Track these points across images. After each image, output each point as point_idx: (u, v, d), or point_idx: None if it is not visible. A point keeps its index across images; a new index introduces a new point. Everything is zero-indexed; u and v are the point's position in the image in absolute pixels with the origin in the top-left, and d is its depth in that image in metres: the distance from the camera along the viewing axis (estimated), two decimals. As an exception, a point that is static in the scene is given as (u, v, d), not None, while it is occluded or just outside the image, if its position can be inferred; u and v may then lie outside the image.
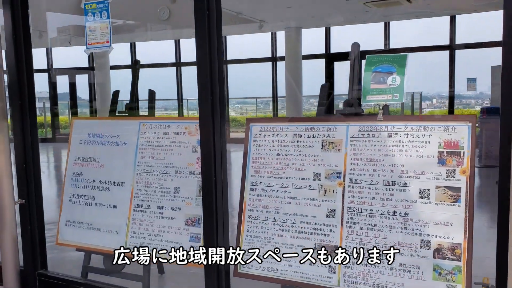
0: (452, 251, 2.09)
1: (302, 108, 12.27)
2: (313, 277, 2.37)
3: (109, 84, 13.56)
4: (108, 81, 13.53)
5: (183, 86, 14.17)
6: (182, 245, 2.76)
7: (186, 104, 15.16)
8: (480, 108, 9.31)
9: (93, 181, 3.12)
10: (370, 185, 2.28)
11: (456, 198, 2.10)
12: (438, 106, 13.69)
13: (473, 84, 10.87)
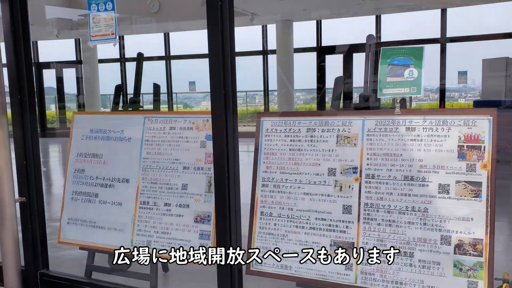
0: (474, 246, 2.06)
1: (293, 102, 12.22)
2: (329, 274, 2.33)
3: (97, 78, 13.37)
4: (96, 75, 13.34)
5: (172, 80, 14.02)
6: (191, 243, 2.70)
7: (175, 98, 15.03)
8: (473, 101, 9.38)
9: (96, 177, 3.03)
10: (387, 180, 2.24)
11: (477, 193, 2.07)
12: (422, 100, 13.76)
13: (464, 77, 10.93)
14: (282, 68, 12.02)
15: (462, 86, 12.17)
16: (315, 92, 12.86)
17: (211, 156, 2.69)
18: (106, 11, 2.62)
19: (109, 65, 14.29)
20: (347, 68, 11.04)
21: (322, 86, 12.25)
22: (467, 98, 12.59)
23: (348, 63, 11.39)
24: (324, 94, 12.18)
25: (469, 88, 12.18)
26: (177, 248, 2.69)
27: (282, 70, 11.99)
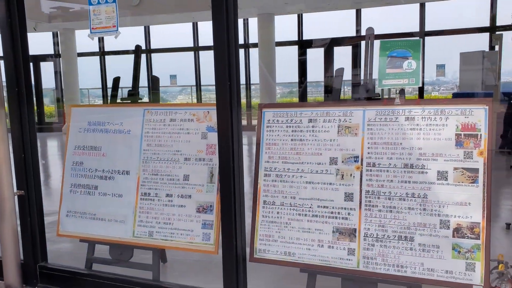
0: (471, 230, 2.16)
1: (276, 95, 12.29)
2: (332, 260, 2.41)
3: (76, 72, 13.18)
4: (75, 69, 13.14)
5: (154, 73, 13.91)
6: (193, 233, 2.75)
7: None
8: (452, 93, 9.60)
9: (95, 170, 3.04)
10: (388, 168, 2.33)
11: (474, 179, 2.17)
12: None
13: (442, 70, 11.17)
14: (264, 61, 12.07)
15: (436, 80, 12.44)
16: (297, 85, 12.94)
17: (212, 147, 2.74)
18: (107, 3, 2.62)
19: (88, 59, 14.08)
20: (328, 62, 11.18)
21: (303, 80, 12.35)
22: (440, 91, 12.87)
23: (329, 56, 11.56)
24: (306, 88, 12.28)
25: (442, 81, 12.44)
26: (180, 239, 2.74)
27: (264, 63, 12.03)
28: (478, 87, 9.60)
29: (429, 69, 11.31)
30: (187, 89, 15.21)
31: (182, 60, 14.21)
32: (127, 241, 2.91)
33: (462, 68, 10.23)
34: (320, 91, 13.19)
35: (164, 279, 2.95)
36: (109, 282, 2.87)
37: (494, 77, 8.54)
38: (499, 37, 7.21)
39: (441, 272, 2.19)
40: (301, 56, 12.41)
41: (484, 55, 9.64)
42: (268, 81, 12.01)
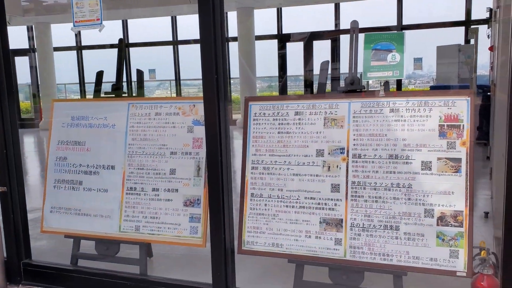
0: (455, 218, 2.22)
1: (256, 90, 12.30)
2: (319, 250, 2.44)
3: (52, 67, 12.93)
4: (51, 64, 12.89)
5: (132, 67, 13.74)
6: (181, 226, 2.75)
7: (134, 86, 14.75)
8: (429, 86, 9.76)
9: (79, 165, 3.01)
10: (373, 159, 2.37)
11: (457, 169, 2.23)
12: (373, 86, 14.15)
13: (419, 63, 11.33)
14: (244, 55, 12.05)
15: (412, 73, 12.62)
16: (277, 79, 12.96)
17: (199, 140, 2.74)
18: (90, -4, 2.59)
19: (65, 53, 13.83)
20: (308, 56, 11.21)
21: (283, 74, 12.38)
22: (416, 85, 13.07)
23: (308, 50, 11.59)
24: (286, 82, 12.32)
25: (418, 75, 12.62)
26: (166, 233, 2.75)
27: (243, 57, 12.01)
28: (454, 80, 9.79)
29: (406, 63, 11.46)
30: (165, 83, 15.09)
31: (161, 54, 14.09)
32: (114, 236, 2.90)
33: (438, 62, 10.41)
34: (300, 85, 13.25)
35: (151, 273, 2.94)
36: (95, 277, 2.85)
37: (470, 70, 8.71)
38: (475, 31, 7.36)
39: (426, 260, 2.25)
40: (280, 50, 12.43)
41: (460, 48, 9.82)
42: (248, 75, 12.01)
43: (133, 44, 13.58)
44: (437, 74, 10.72)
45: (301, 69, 11.89)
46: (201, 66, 2.37)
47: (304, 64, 11.92)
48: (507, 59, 1.99)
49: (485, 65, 9.94)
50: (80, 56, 13.61)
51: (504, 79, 2.29)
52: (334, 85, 4.56)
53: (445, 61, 10.31)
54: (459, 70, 9.86)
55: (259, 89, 14.79)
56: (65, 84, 14.93)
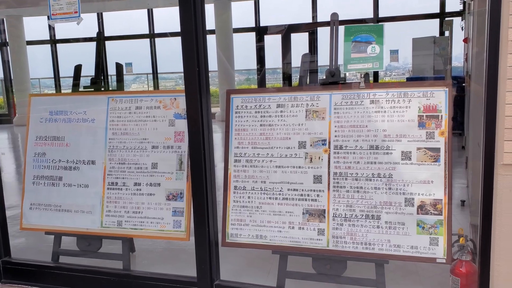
0: (434, 206, 2.28)
1: (234, 83, 12.27)
2: (302, 241, 2.47)
3: (26, 61, 12.64)
4: (25, 58, 12.60)
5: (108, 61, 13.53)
6: (164, 220, 2.74)
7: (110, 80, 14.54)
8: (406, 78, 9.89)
9: (59, 161, 2.96)
10: (354, 150, 2.40)
11: (436, 158, 2.28)
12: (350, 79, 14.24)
13: (396, 55, 11.47)
14: (222, 48, 11.99)
15: (388, 65, 12.76)
16: (255, 72, 12.95)
17: (180, 134, 2.73)
18: (68, -12, 2.54)
19: (38, 47, 13.52)
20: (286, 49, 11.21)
21: (262, 68, 12.38)
22: (392, 77, 13.23)
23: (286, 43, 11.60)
24: (264, 75, 12.32)
25: (394, 67, 12.77)
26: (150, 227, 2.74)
27: (221, 50, 11.96)
28: (429, 72, 9.95)
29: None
30: (142, 77, 14.91)
31: (138, 48, 13.91)
32: (95, 232, 2.87)
33: (414, 53, 10.56)
34: (278, 78, 13.26)
35: (133, 268, 2.93)
36: (78, 274, 2.83)
37: (445, 62, 8.86)
38: (450, 23, 7.49)
39: (407, 248, 2.30)
40: (258, 43, 12.42)
41: (434, 40, 9.99)
42: (226, 68, 11.97)
43: (109, 37, 13.37)
44: (413, 66, 10.88)
45: (279, 62, 11.90)
46: (182, 58, 2.36)
47: (282, 57, 11.94)
48: (481, 50, 2.04)
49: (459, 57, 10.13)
50: (54, 50, 13.33)
51: (479, 71, 2.35)
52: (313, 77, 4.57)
53: (420, 53, 10.47)
54: (434, 62, 10.02)
55: (237, 82, 14.76)
56: (39, 79, 14.62)
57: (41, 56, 13.63)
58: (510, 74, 1.86)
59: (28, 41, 12.53)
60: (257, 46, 12.47)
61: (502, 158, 1.91)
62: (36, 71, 13.11)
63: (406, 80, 9.24)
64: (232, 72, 12.16)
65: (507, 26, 1.84)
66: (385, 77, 13.27)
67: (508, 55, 1.85)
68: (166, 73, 14.79)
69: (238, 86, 13.99)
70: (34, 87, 14.39)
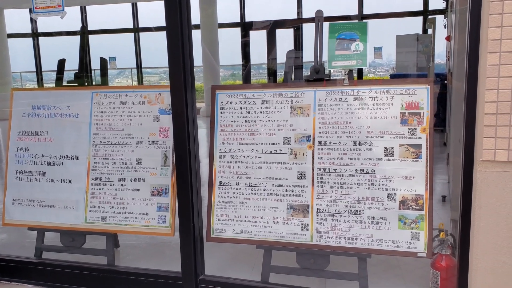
0: (415, 202, 2.32)
1: (219, 78, 12.24)
2: (287, 236, 2.50)
3: (7, 55, 12.44)
4: (5, 52, 12.39)
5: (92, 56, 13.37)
6: (148, 216, 2.74)
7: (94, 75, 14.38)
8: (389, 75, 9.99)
9: (42, 156, 2.94)
10: (338, 146, 2.43)
11: (417, 154, 2.32)
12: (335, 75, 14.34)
13: (380, 52, 11.57)
14: (207, 44, 11.95)
15: (372, 62, 12.85)
16: (240, 68, 12.94)
17: (165, 129, 2.73)
18: (51, -19, 2.51)
19: (20, 41, 13.30)
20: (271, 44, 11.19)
21: (247, 63, 12.37)
22: (376, 73, 13.35)
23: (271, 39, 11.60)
24: (249, 71, 12.32)
25: (378, 63, 12.87)
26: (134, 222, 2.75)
27: (206, 46, 11.91)
28: (412, 69, 10.07)
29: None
30: (125, 71, 14.78)
31: (122, 42, 13.78)
32: (79, 227, 2.86)
33: (397, 51, 10.67)
34: (263, 74, 13.27)
35: (118, 264, 2.93)
36: (61, 269, 2.81)
37: (427, 59, 8.96)
38: (433, 21, 7.58)
39: (389, 242, 2.35)
40: (243, 38, 12.40)
41: (418, 38, 10.09)
42: (211, 64, 11.93)
43: (92, 31, 13.21)
44: (396, 63, 10.98)
45: (265, 57, 11.91)
46: (167, 54, 2.36)
47: (267, 53, 11.94)
48: (462, 48, 2.07)
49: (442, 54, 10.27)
50: (36, 43, 13.13)
51: (460, 69, 2.39)
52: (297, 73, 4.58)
53: (404, 50, 10.57)
54: (417, 59, 10.13)
55: (222, 77, 14.73)
56: (21, 73, 14.40)
57: (23, 49, 13.42)
58: (489, 73, 1.90)
59: (9, 34, 12.32)
60: (242, 42, 12.45)
61: (481, 154, 1.96)
62: (17, 65, 12.90)
63: (389, 77, 9.32)
64: (217, 67, 12.13)
65: (487, 25, 1.88)
66: (369, 74, 13.38)
67: (488, 54, 1.89)
68: (150, 67, 14.69)
69: (223, 81, 13.97)
70: (15, 80, 14.17)
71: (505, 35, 1.86)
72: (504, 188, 1.94)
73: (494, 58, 1.89)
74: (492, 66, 1.90)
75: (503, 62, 1.88)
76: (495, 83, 1.90)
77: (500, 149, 1.93)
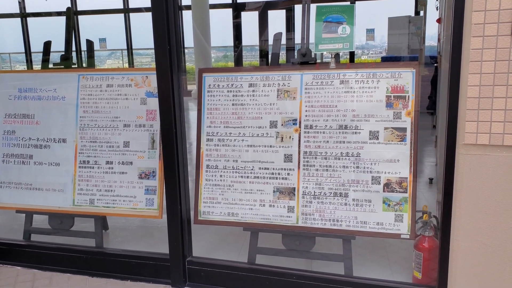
0: (399, 184, 2.35)
1: (211, 60, 12.16)
2: (273, 218, 2.53)
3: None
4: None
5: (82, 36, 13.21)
6: (136, 199, 2.76)
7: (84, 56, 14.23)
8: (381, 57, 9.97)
9: (29, 139, 2.93)
10: (324, 130, 2.45)
11: (402, 138, 2.34)
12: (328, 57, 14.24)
13: (372, 34, 11.53)
14: (198, 24, 11.83)
15: (365, 44, 12.81)
16: (232, 49, 12.85)
17: (152, 113, 2.73)
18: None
19: (7, 21, 13.07)
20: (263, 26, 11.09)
21: (238, 44, 12.28)
22: (369, 55, 13.32)
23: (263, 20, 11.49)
24: (241, 52, 12.23)
25: (371, 45, 12.84)
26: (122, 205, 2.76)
27: (197, 27, 11.80)
28: (404, 51, 10.06)
29: (359, 34, 11.65)
30: (116, 53, 14.62)
31: (112, 23, 13.61)
32: (67, 210, 2.87)
33: (389, 33, 10.64)
34: (255, 55, 13.20)
35: (106, 246, 2.95)
36: (50, 252, 2.83)
37: (419, 41, 8.95)
38: (424, 3, 7.55)
39: (373, 224, 2.38)
40: (235, 19, 12.28)
41: (410, 20, 10.06)
42: (203, 45, 11.83)
43: (82, 11, 13.03)
44: (388, 45, 10.96)
45: (257, 39, 11.82)
46: (153, 35, 2.34)
47: (259, 34, 11.85)
48: (449, 28, 2.07)
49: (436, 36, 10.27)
50: (25, 24, 12.93)
51: (448, 52, 2.39)
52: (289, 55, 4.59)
53: (396, 31, 10.54)
54: (409, 41, 10.12)
55: (214, 59, 14.63)
56: (10, 54, 14.20)
57: (11, 30, 13.22)
58: (473, 57, 1.92)
59: (-3, 14, 12.11)
60: (234, 23, 12.34)
61: (463, 138, 1.98)
62: (5, 45, 12.72)
63: (381, 59, 9.31)
64: (208, 49, 12.04)
65: (470, 9, 1.88)
66: (362, 56, 13.35)
67: (472, 38, 1.90)
68: (141, 49, 14.54)
69: (215, 63, 13.89)
70: (4, 61, 14.00)
71: (489, 19, 1.87)
72: (485, 171, 1.97)
73: (478, 42, 1.90)
74: (475, 50, 1.91)
75: (486, 46, 1.89)
76: (478, 67, 1.92)
77: (482, 133, 1.95)
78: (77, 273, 2.79)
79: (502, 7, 1.84)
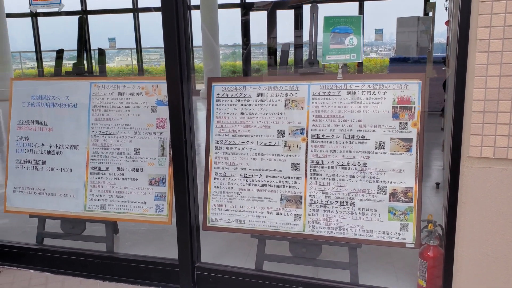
0: (405, 194, 2.39)
1: (219, 58, 12.21)
2: (280, 225, 2.58)
3: (6, 34, 12.38)
4: (4, 31, 12.33)
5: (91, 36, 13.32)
6: (146, 205, 2.82)
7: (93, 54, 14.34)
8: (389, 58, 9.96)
9: (42, 145, 3.00)
10: (331, 139, 2.49)
11: (408, 148, 2.38)
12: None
13: (380, 34, 11.50)
14: (207, 24, 11.88)
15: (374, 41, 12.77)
16: (241, 48, 12.88)
17: (162, 120, 2.78)
18: (48, -26, 2.53)
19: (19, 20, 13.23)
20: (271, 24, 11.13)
21: (247, 42, 12.31)
22: (378, 52, 13.30)
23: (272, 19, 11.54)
24: (249, 51, 12.27)
25: (380, 43, 12.81)
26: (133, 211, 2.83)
27: (206, 26, 11.85)
28: (413, 50, 10.03)
29: (368, 32, 11.62)
30: (125, 51, 14.73)
31: (121, 22, 13.71)
32: (79, 215, 2.94)
33: (399, 33, 10.61)
34: (264, 54, 13.22)
35: (117, 249, 3.02)
36: (62, 256, 2.90)
37: (428, 39, 8.91)
38: (433, 5, 7.53)
39: (379, 233, 2.42)
40: (243, 17, 12.31)
41: (419, 20, 10.03)
42: (211, 44, 11.88)
43: (92, 11, 13.13)
44: (396, 45, 10.95)
45: (265, 37, 11.83)
46: (164, 49, 2.39)
47: (267, 33, 11.87)
48: (456, 28, 2.09)
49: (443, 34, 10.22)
50: (35, 23, 13.06)
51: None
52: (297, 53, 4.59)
53: (405, 30, 10.51)
54: (418, 41, 10.09)
55: (224, 55, 14.67)
56: (20, 52, 14.37)
57: (22, 29, 13.36)
58: (478, 72, 1.94)
59: (8, 14, 12.24)
60: (242, 21, 12.37)
61: (468, 151, 2.01)
62: (16, 44, 12.86)
63: (389, 60, 9.31)
64: (216, 47, 12.08)
65: (476, 25, 1.91)
66: (371, 53, 13.33)
67: (477, 53, 1.93)
68: (150, 48, 14.63)
69: (223, 61, 13.93)
70: (15, 58, 14.15)
71: (494, 35, 1.89)
72: (489, 184, 2.00)
73: (483, 58, 1.93)
74: (480, 65, 1.94)
75: (491, 62, 1.92)
76: (483, 82, 1.95)
77: (486, 146, 1.98)
78: (89, 277, 2.86)
79: (507, 23, 1.87)
